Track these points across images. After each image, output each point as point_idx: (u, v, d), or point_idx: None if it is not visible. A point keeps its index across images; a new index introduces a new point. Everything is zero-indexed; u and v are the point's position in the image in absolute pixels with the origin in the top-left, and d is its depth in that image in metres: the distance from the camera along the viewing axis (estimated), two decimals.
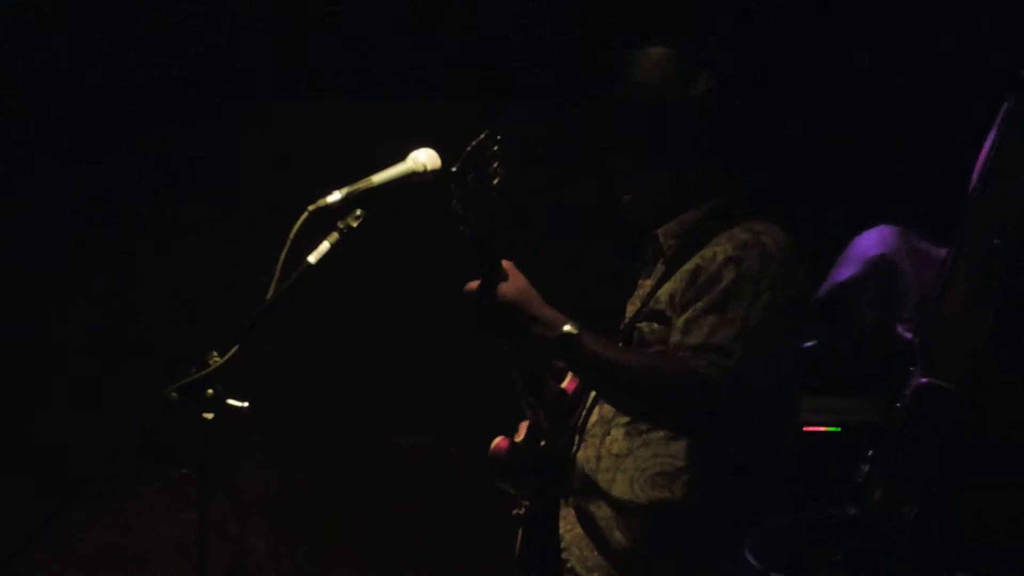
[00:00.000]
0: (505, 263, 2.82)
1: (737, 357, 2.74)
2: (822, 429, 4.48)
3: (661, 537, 2.84)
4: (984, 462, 2.64)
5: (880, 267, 3.22)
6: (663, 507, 2.84)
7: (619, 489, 2.88)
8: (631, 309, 3.06)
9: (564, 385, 3.11)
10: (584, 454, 2.95)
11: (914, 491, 2.59)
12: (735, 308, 2.79)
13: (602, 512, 2.89)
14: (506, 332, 2.83)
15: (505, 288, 2.78)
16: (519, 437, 3.11)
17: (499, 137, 2.73)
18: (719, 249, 2.87)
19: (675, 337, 2.82)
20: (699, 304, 2.82)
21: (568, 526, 2.96)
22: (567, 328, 2.77)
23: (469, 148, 2.72)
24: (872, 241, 3.32)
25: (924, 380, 2.62)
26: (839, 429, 4.44)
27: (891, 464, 2.71)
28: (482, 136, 2.73)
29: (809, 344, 3.46)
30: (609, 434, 2.92)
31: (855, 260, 3.43)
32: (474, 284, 2.81)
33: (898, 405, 2.55)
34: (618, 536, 2.87)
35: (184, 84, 5.42)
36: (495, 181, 2.72)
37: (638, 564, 2.85)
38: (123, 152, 5.51)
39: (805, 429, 4.46)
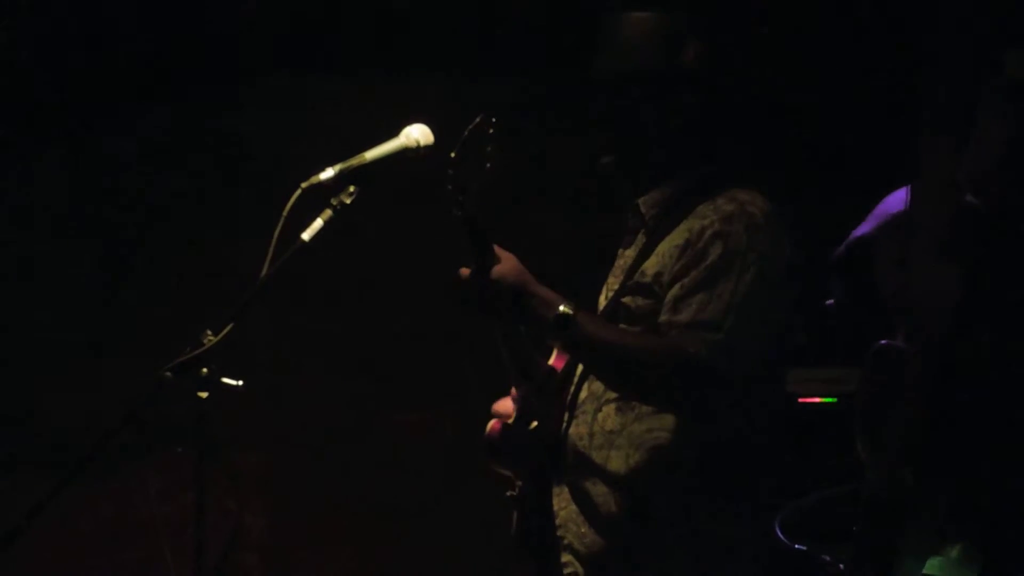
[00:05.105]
0: (496, 247, 2.81)
1: (727, 330, 2.73)
2: (818, 400, 4.49)
3: (659, 511, 2.84)
4: (963, 423, 2.64)
5: (901, 224, 3.17)
6: (660, 481, 2.84)
7: (615, 465, 2.87)
8: (613, 281, 3.04)
9: (551, 362, 3.10)
10: (576, 431, 2.94)
11: (903, 458, 2.59)
12: (723, 283, 2.77)
13: (599, 489, 2.88)
14: (501, 313, 2.82)
15: (500, 270, 2.77)
16: (510, 419, 3.09)
17: (494, 120, 2.72)
18: (706, 223, 2.84)
19: (664, 315, 2.81)
20: (686, 281, 2.80)
21: (563, 504, 2.95)
22: (563, 308, 2.75)
23: (466, 132, 2.70)
24: (898, 198, 3.27)
25: (883, 342, 2.62)
26: (835, 400, 4.45)
27: (871, 431, 2.72)
28: (478, 120, 2.71)
29: (830, 301, 3.43)
30: (601, 410, 2.91)
31: (877, 216, 3.39)
32: (466, 270, 2.79)
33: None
34: (616, 513, 2.86)
35: (179, 61, 5.41)
36: (489, 165, 2.71)
37: (638, 541, 2.85)
38: (118, 130, 5.49)
39: (801, 400, 4.47)
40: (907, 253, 2.59)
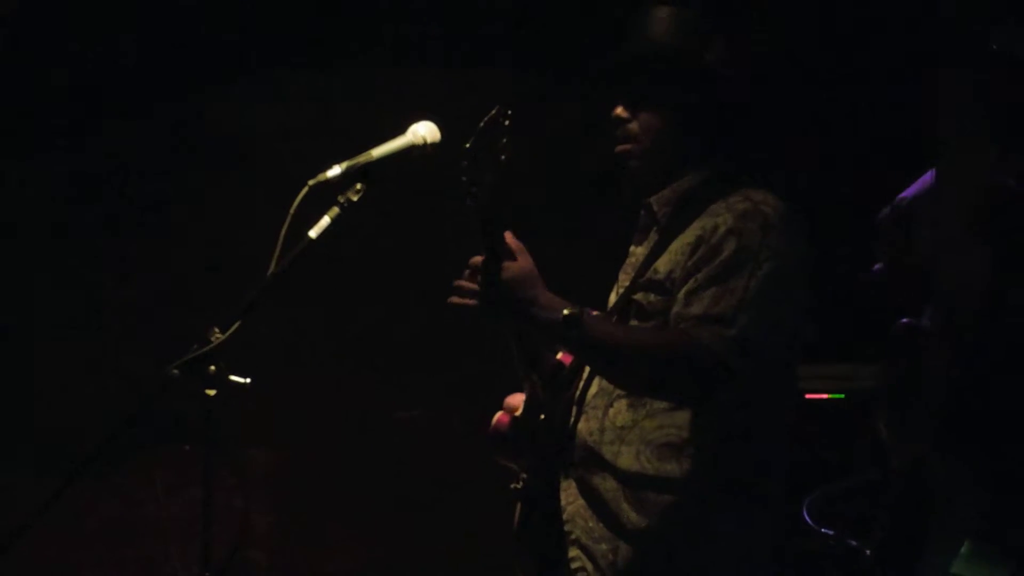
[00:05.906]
0: (515, 243, 2.80)
1: (740, 326, 2.72)
2: (825, 396, 4.48)
3: (670, 508, 2.83)
4: (993, 402, 2.62)
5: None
6: (671, 479, 2.83)
7: (625, 462, 2.86)
8: (624, 278, 3.04)
9: (560, 357, 3.10)
10: (586, 426, 2.93)
11: (929, 439, 2.57)
12: (736, 279, 2.76)
13: (608, 485, 2.88)
14: (507, 313, 2.81)
15: (510, 268, 2.76)
16: (518, 412, 3.09)
17: (509, 112, 2.71)
18: (719, 220, 2.84)
19: (676, 309, 2.81)
20: (699, 276, 2.79)
21: (570, 498, 2.94)
22: (567, 311, 2.75)
23: (481, 124, 2.70)
24: None
25: (903, 321, 2.61)
26: (843, 396, 4.44)
27: (894, 413, 2.70)
28: (493, 112, 2.71)
29: (877, 267, 3.41)
30: (612, 406, 2.90)
31: (923, 181, 3.36)
32: (478, 259, 2.79)
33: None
34: (626, 508, 2.86)
35: (187, 56, 5.41)
36: (503, 157, 2.71)
37: (648, 536, 2.84)
38: (126, 125, 5.49)
39: (808, 396, 4.46)
40: (935, 234, 2.57)
